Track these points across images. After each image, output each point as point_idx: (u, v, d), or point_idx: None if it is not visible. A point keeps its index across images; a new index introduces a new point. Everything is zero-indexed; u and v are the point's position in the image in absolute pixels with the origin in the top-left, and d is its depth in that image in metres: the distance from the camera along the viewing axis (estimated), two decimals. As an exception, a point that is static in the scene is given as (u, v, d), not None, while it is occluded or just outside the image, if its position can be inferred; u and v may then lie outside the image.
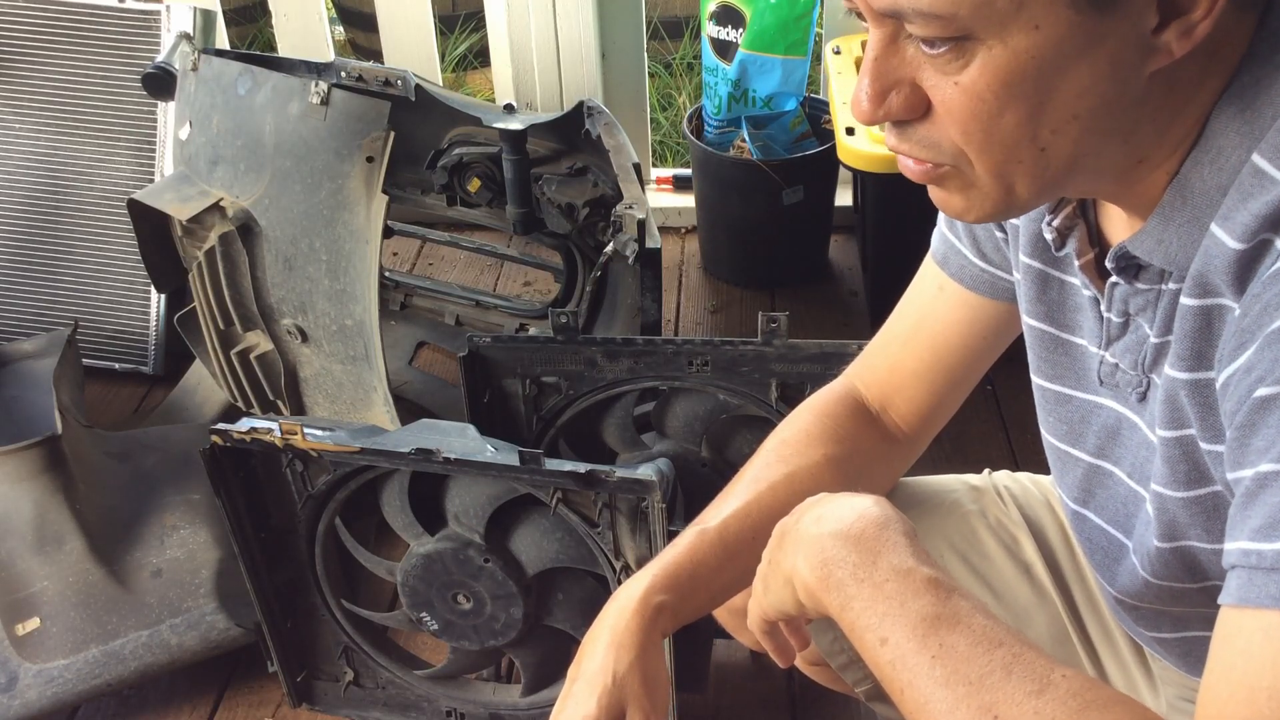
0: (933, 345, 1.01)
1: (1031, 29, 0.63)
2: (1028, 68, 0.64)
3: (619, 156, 1.74)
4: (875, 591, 0.71)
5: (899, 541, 0.73)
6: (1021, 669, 0.65)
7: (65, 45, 2.07)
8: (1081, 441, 0.89)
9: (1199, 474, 0.75)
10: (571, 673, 0.91)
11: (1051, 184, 0.71)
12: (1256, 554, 0.60)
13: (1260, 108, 0.66)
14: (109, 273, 2.15)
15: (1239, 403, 0.64)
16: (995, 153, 0.68)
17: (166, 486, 1.68)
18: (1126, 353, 0.80)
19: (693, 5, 3.28)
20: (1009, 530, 1.14)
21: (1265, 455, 0.61)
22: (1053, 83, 0.64)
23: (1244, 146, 0.66)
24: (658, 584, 0.91)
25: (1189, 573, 0.81)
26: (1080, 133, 0.67)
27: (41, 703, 1.53)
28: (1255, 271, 0.65)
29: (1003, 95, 0.65)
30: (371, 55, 2.90)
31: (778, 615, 0.82)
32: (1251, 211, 0.64)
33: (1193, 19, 0.63)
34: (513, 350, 1.47)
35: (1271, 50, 0.66)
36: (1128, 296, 0.77)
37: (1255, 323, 0.63)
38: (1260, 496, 0.61)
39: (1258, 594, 0.59)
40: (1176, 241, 0.70)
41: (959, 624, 0.68)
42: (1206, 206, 0.68)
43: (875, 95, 0.69)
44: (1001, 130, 0.66)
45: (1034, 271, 0.86)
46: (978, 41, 0.64)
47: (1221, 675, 0.60)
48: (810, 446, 1.01)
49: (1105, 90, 0.65)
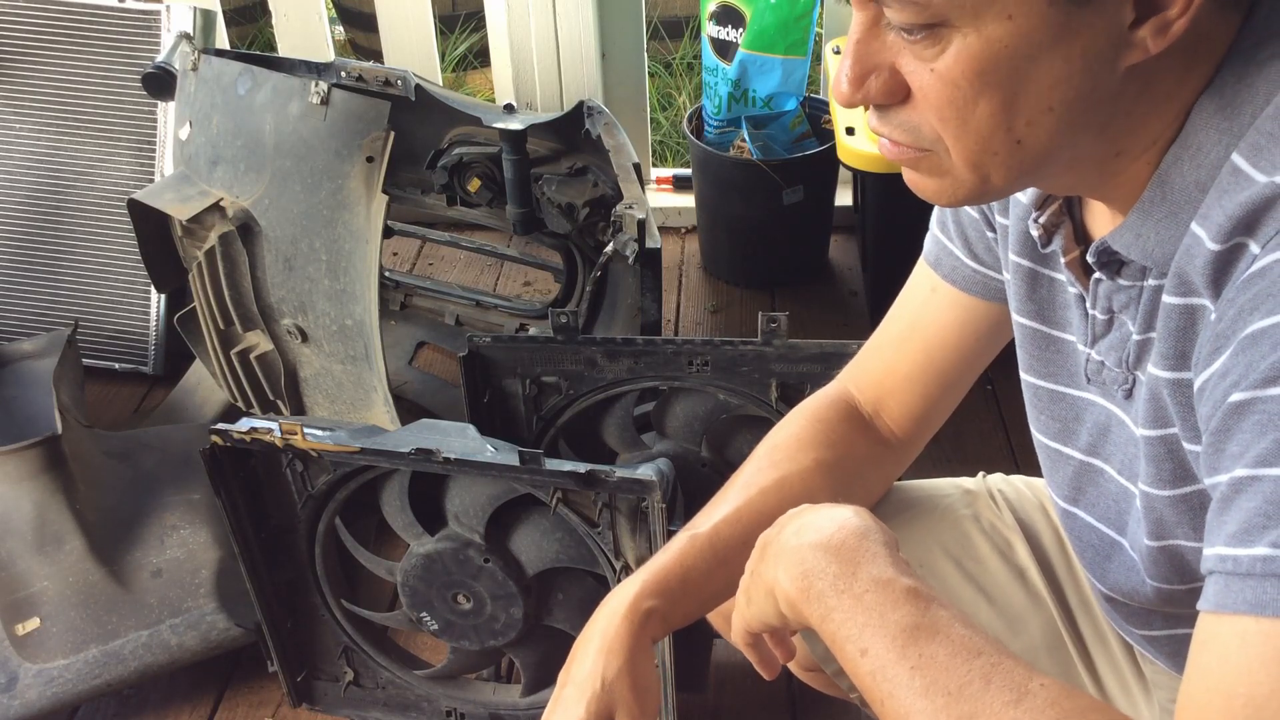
0: (926, 348, 1.01)
1: (1005, 19, 0.63)
2: (1001, 57, 0.64)
3: (619, 156, 1.74)
4: (855, 603, 0.71)
5: (878, 552, 0.73)
6: (1000, 678, 0.65)
7: (65, 45, 2.07)
8: (1073, 439, 0.89)
9: (1183, 472, 0.75)
10: (561, 678, 0.91)
11: (1026, 174, 0.72)
12: (1233, 559, 0.60)
13: (1240, 105, 0.66)
14: (109, 273, 2.15)
15: (1214, 407, 0.64)
16: (970, 141, 0.68)
17: (166, 486, 1.68)
18: (1111, 350, 0.80)
19: (693, 5, 3.28)
20: (1002, 534, 1.13)
21: (1240, 460, 0.61)
22: (1026, 73, 0.65)
23: (1223, 144, 0.66)
24: (647, 589, 0.90)
25: (1178, 574, 0.82)
26: (1055, 124, 0.67)
27: (41, 703, 1.53)
28: (1230, 275, 0.65)
29: (977, 84, 0.66)
30: (371, 55, 2.90)
31: (761, 627, 0.82)
32: (1227, 211, 0.64)
33: (1169, 16, 0.63)
34: (513, 350, 1.47)
35: (1255, 47, 0.66)
36: (1111, 293, 0.77)
37: (1230, 327, 0.63)
38: (1235, 501, 0.61)
39: (1234, 600, 0.59)
40: (1155, 236, 0.70)
41: (938, 634, 0.68)
42: (1186, 203, 0.68)
43: (855, 79, 0.69)
44: (976, 119, 0.67)
45: (1023, 269, 0.87)
46: (953, 29, 0.64)
47: (1199, 681, 0.60)
48: (802, 451, 1.00)
49: (1079, 83, 0.65)
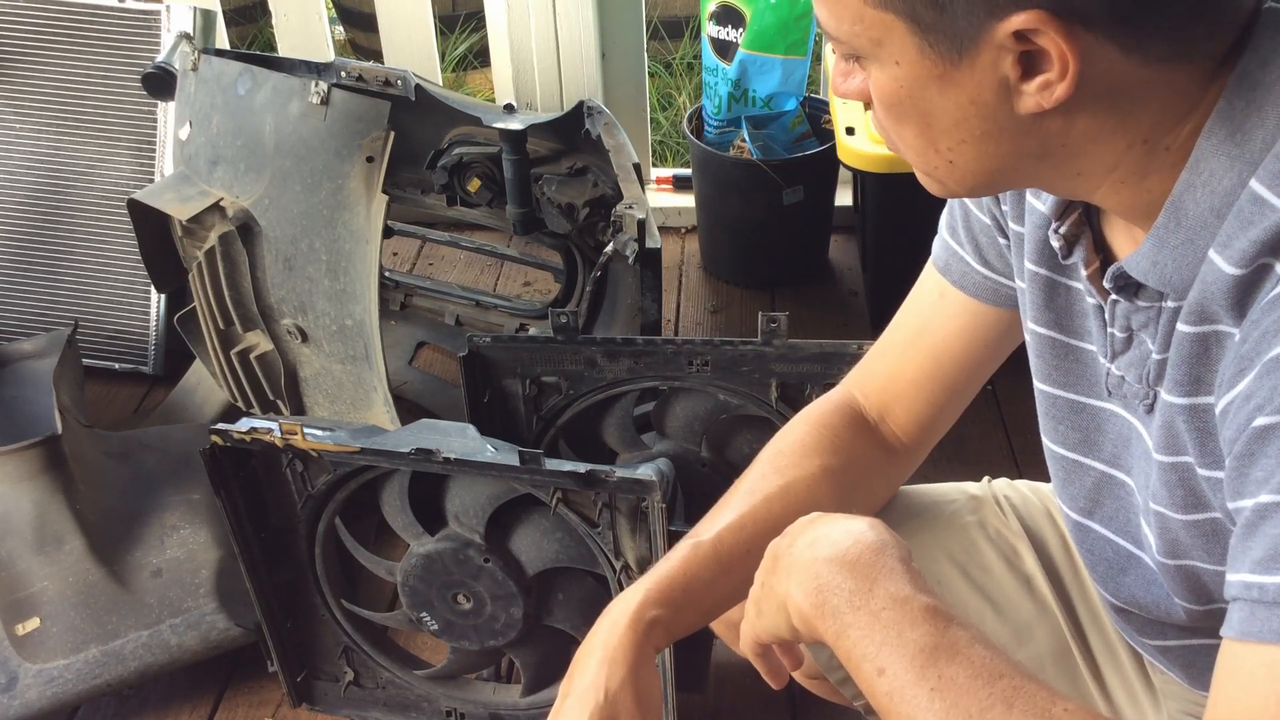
0: (933, 353, 1.00)
1: (894, 63, 0.69)
2: (900, 94, 0.70)
3: (619, 156, 1.74)
4: (872, 620, 0.70)
5: (895, 568, 0.72)
6: (1023, 702, 0.64)
7: (65, 45, 2.07)
8: (1096, 450, 0.88)
9: (1196, 499, 0.75)
10: (563, 689, 0.90)
11: (981, 185, 0.75)
12: (1259, 587, 0.59)
13: (1250, 130, 0.65)
14: (109, 273, 2.15)
15: (1238, 431, 0.63)
16: (910, 154, 0.75)
17: (166, 486, 1.68)
18: (1131, 367, 0.79)
19: (693, 5, 3.28)
20: (1009, 541, 1.12)
21: (1265, 486, 0.60)
22: (926, 109, 0.70)
23: (1235, 170, 0.66)
24: (651, 598, 0.90)
25: (1194, 594, 0.81)
26: (976, 152, 0.71)
27: (41, 703, 1.53)
28: (1255, 297, 0.65)
29: (894, 110, 0.72)
30: (371, 55, 2.90)
31: (771, 639, 0.81)
32: (1251, 238, 0.64)
33: (1049, 79, 0.65)
34: (513, 350, 1.47)
35: (1260, 69, 0.65)
36: (1129, 313, 0.77)
37: (1254, 349, 0.63)
38: (1260, 528, 0.60)
39: (1260, 628, 0.59)
40: (1171, 264, 0.70)
41: (958, 655, 0.67)
42: (1201, 229, 0.68)
43: (841, 72, 0.75)
44: (906, 137, 0.73)
45: (1041, 279, 0.86)
46: (867, 60, 0.71)
47: (1225, 710, 0.60)
48: (806, 457, 0.99)
49: (979, 123, 0.69)
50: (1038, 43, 0.63)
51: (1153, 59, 0.65)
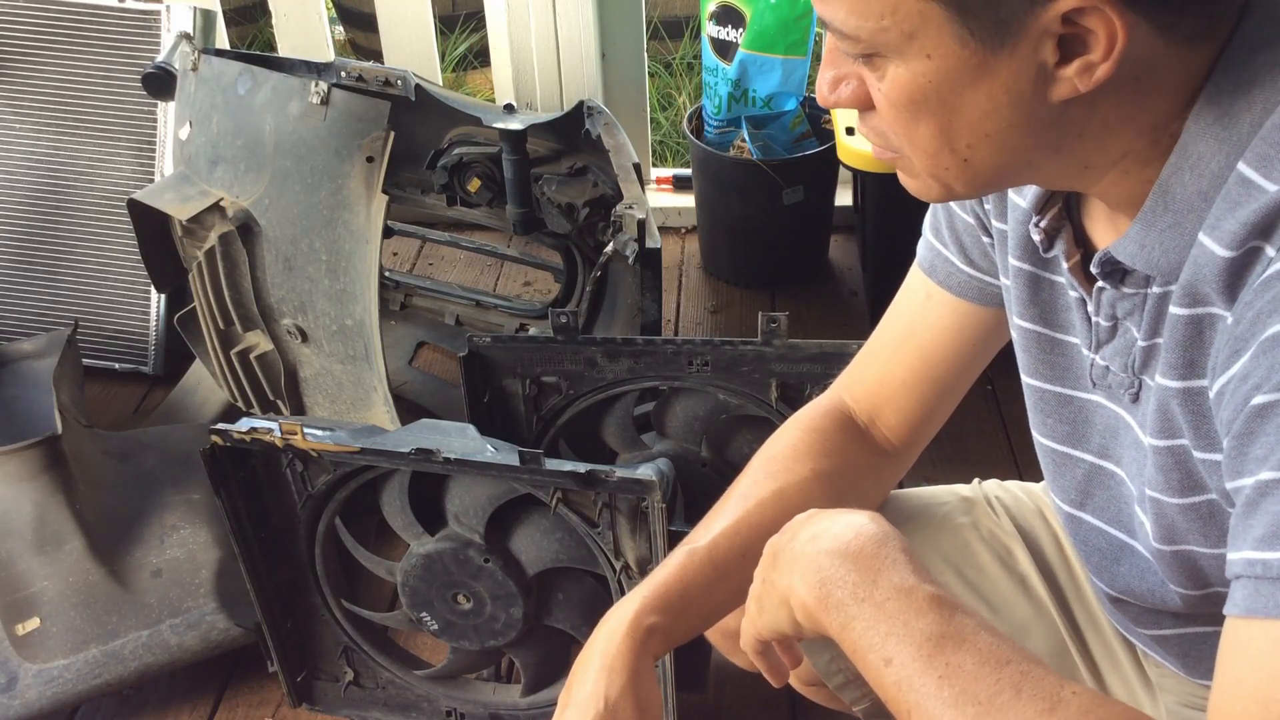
0: (922, 354, 1.00)
1: (924, 57, 0.67)
2: (927, 90, 0.68)
3: (619, 156, 1.74)
4: (877, 611, 0.70)
5: (898, 559, 0.72)
6: (1031, 687, 0.64)
7: (65, 45, 2.07)
8: (1084, 442, 0.88)
9: (1192, 482, 0.75)
10: (562, 699, 0.90)
11: (988, 184, 0.74)
12: (1262, 563, 0.60)
13: (1238, 114, 0.66)
14: (109, 273, 2.15)
15: (1236, 411, 0.63)
16: (921, 156, 0.72)
17: (166, 486, 1.68)
18: (1116, 356, 0.80)
19: (693, 5, 3.28)
20: (1002, 542, 1.12)
21: (1265, 463, 0.61)
22: (955, 104, 0.68)
23: (1223, 153, 0.66)
24: (648, 606, 0.90)
25: (1191, 579, 0.81)
26: (996, 146, 0.70)
27: (41, 703, 1.53)
28: (1246, 279, 0.65)
29: (912, 109, 0.69)
30: (371, 55, 2.90)
31: (773, 635, 0.81)
32: (1240, 220, 0.64)
33: (1092, 60, 0.64)
34: (513, 350, 1.47)
35: (1249, 54, 0.66)
36: (1114, 300, 0.77)
37: (1249, 330, 0.63)
38: (1262, 505, 0.60)
39: (1265, 604, 0.59)
40: (1159, 247, 0.70)
41: (965, 642, 0.67)
42: (1189, 212, 0.68)
43: (829, 82, 0.74)
44: (921, 138, 0.71)
45: (1024, 274, 0.86)
46: (885, 59, 0.68)
47: (1232, 688, 0.60)
48: (798, 462, 1.00)
49: (1009, 114, 0.68)
50: (1083, 24, 0.63)
51: (1179, 38, 0.65)
